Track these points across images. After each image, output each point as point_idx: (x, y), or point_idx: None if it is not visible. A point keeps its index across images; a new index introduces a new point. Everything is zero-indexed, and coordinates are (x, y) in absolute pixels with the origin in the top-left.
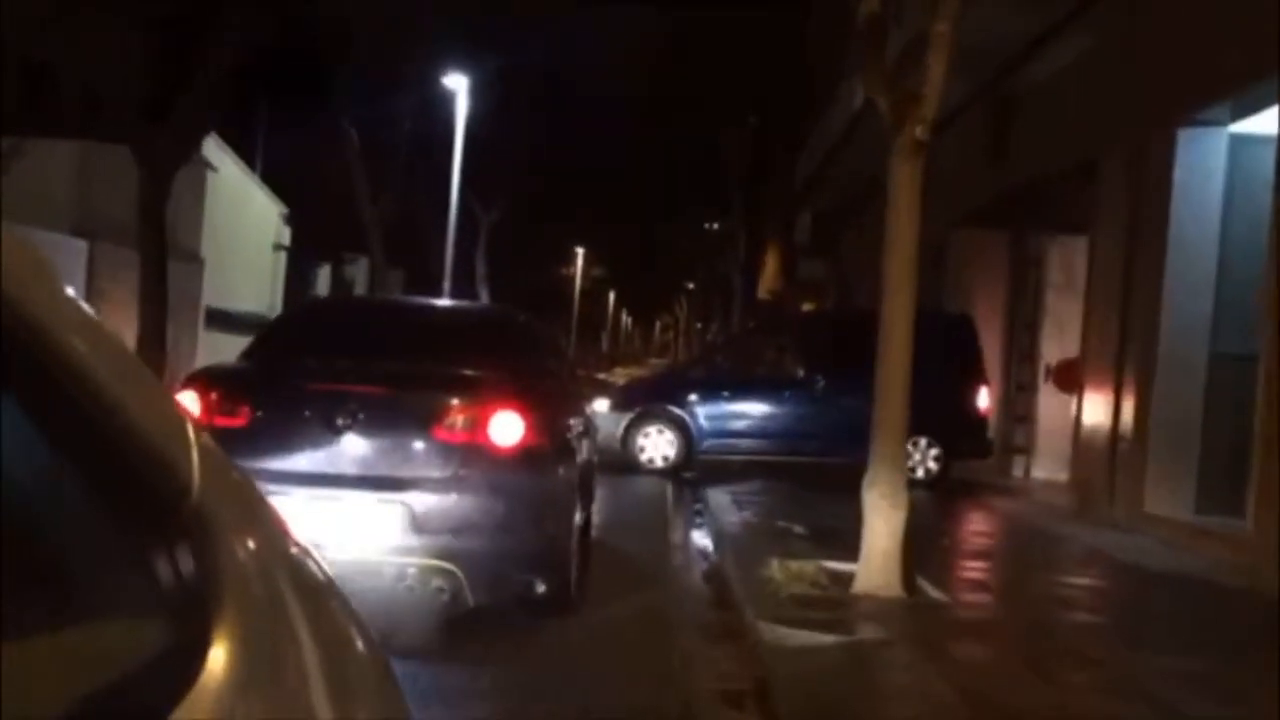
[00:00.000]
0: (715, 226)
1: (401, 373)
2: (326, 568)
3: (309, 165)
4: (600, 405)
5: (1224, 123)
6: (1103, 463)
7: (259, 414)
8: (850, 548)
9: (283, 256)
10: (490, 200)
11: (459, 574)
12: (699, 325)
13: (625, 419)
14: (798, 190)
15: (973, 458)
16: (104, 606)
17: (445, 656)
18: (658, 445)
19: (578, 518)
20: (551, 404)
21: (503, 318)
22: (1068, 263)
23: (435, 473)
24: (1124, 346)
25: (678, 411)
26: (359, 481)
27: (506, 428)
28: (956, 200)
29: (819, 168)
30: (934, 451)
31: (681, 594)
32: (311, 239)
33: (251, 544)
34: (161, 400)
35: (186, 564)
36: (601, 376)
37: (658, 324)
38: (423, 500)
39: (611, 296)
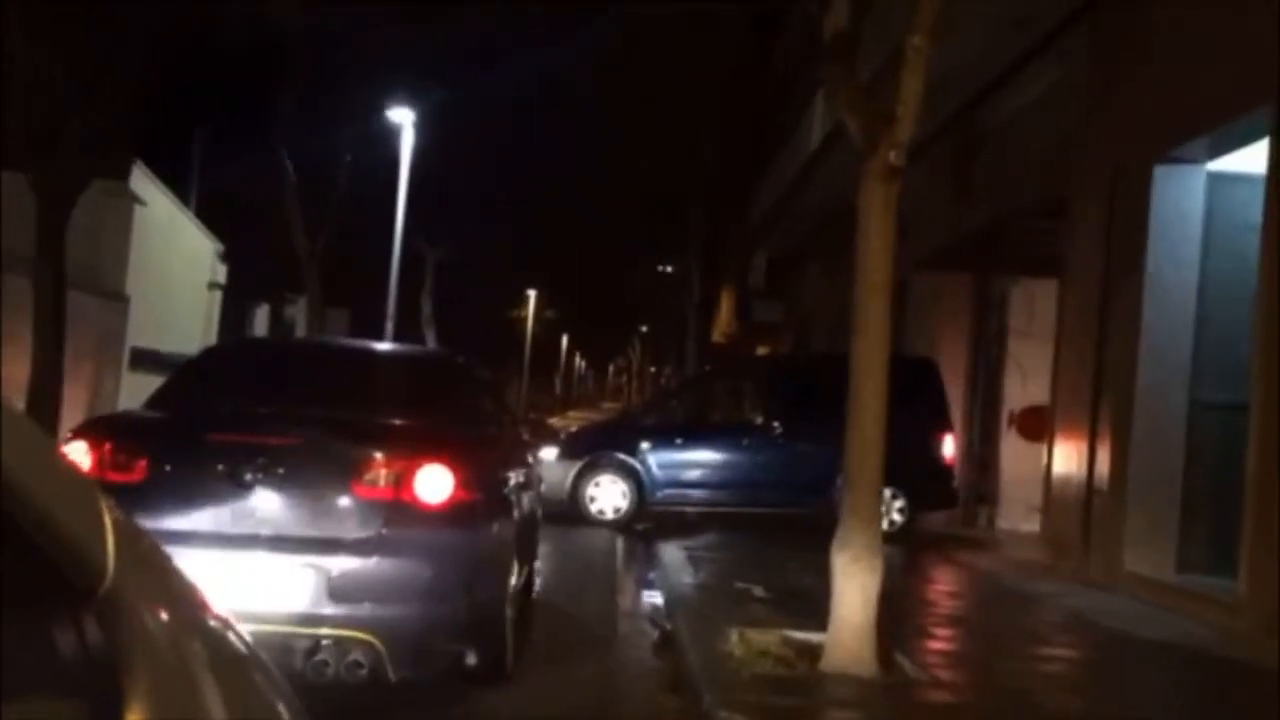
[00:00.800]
0: (669, 269)
1: (318, 421)
2: (247, 639)
3: (247, 201)
4: (547, 453)
5: (1201, 160)
6: (1076, 517)
7: (156, 468)
8: (815, 612)
9: (218, 295)
10: (436, 238)
11: (379, 646)
12: (653, 369)
13: (574, 468)
14: (753, 232)
15: (939, 508)
16: (14, 688)
17: None
18: (608, 495)
19: (515, 580)
20: (486, 455)
21: (437, 361)
22: (1031, 306)
23: (354, 533)
24: (1098, 394)
25: (629, 460)
26: (267, 543)
27: (434, 483)
28: (917, 241)
29: (774, 209)
30: (899, 503)
31: (630, 669)
32: (249, 277)
33: (164, 616)
34: (68, 476)
35: (97, 641)
36: (554, 421)
37: (611, 368)
38: (339, 564)
39: (565, 339)
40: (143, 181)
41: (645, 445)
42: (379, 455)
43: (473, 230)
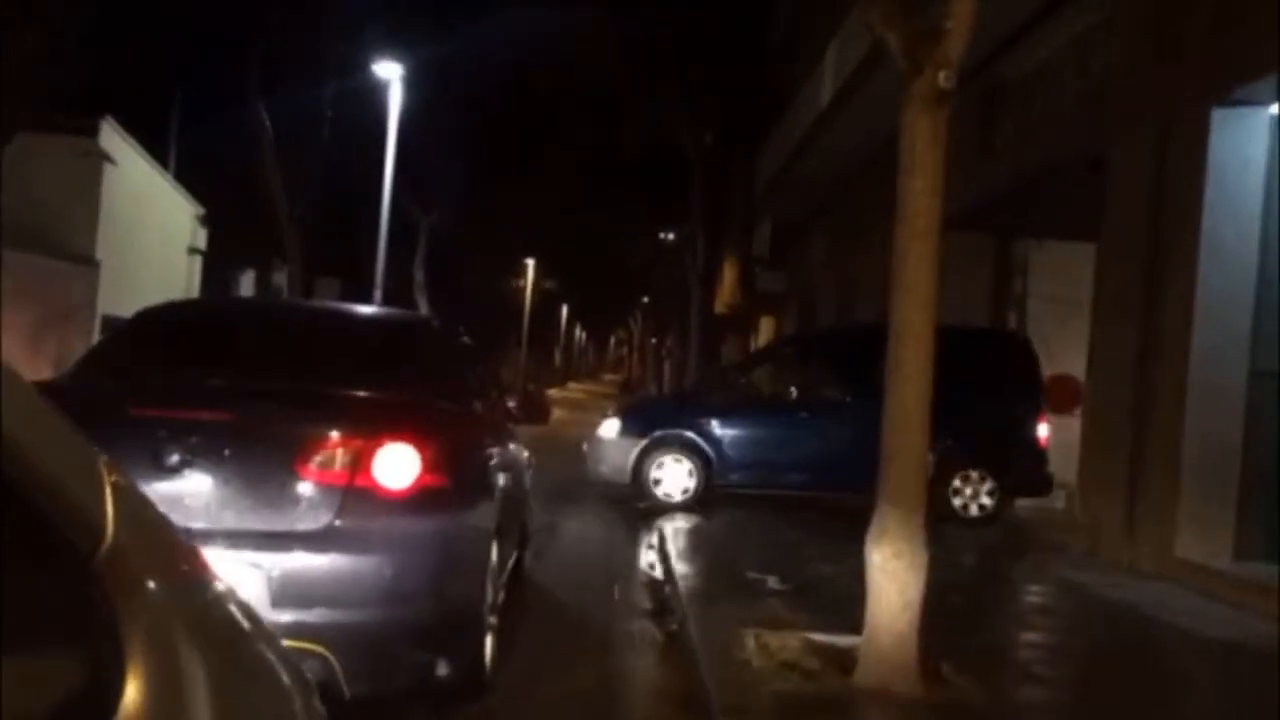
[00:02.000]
0: (671, 237)
1: (261, 394)
2: (250, 609)
3: (229, 163)
4: (608, 429)
5: (1267, 102)
6: (1119, 498)
7: None
8: (837, 607)
9: (198, 261)
10: (429, 203)
11: (331, 658)
12: (654, 340)
13: (637, 446)
14: (757, 200)
15: (1032, 494)
16: (14, 643)
17: None
18: (674, 477)
19: (495, 576)
20: (461, 432)
21: (409, 325)
22: (1055, 270)
23: (301, 525)
24: (1145, 363)
25: (696, 439)
26: (198, 537)
27: (397, 465)
28: None
29: (780, 175)
30: (988, 485)
31: (631, 679)
32: (233, 243)
33: (164, 581)
34: (70, 441)
35: (97, 602)
36: (552, 393)
37: (612, 340)
38: (283, 562)
39: (564, 310)
40: (114, 139)
41: (714, 423)
42: (331, 433)
43: (467, 196)
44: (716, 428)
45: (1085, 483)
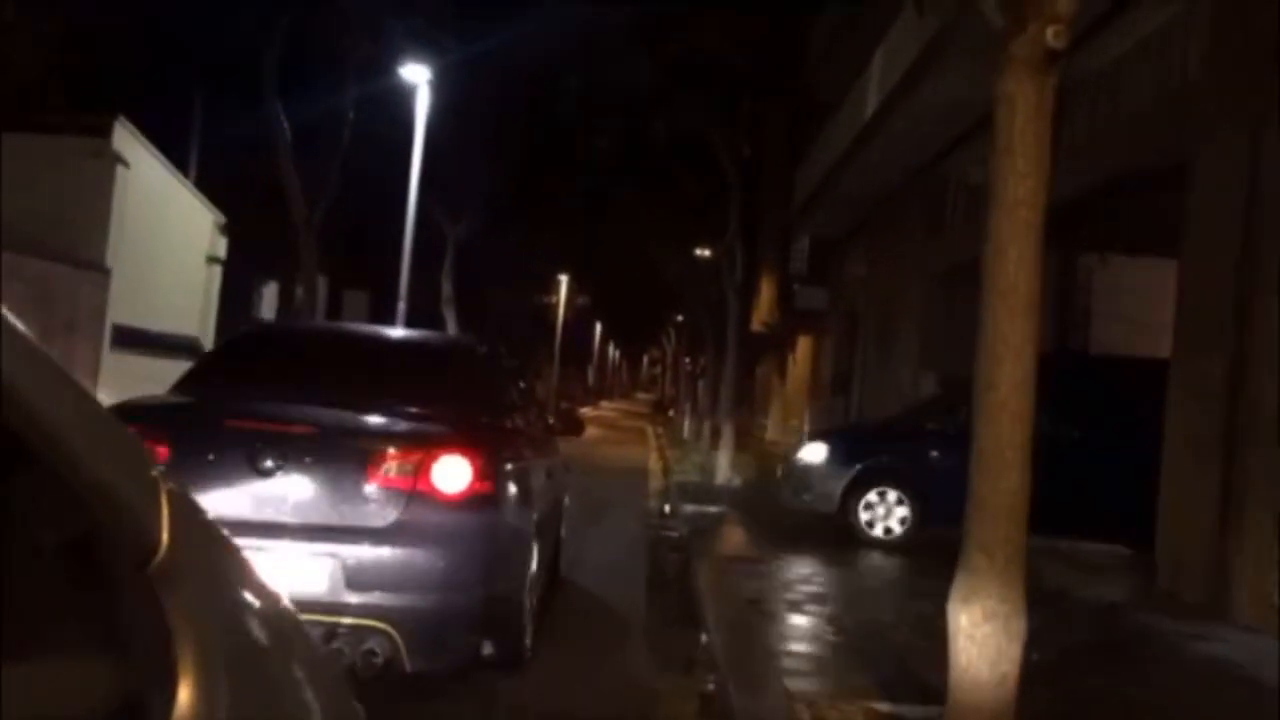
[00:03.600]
0: (707, 253)
1: (337, 410)
2: (298, 621)
3: (251, 170)
4: (813, 454)
5: None
6: (1208, 539)
7: (175, 454)
8: (900, 662)
9: (218, 271)
10: (457, 213)
11: (395, 636)
12: (687, 360)
13: (846, 476)
14: (794, 216)
15: None
16: (70, 651)
17: None
18: (887, 513)
19: (534, 569)
20: (506, 445)
21: (459, 349)
22: (1122, 287)
23: (371, 522)
24: (1238, 387)
25: (912, 470)
26: (285, 530)
27: (452, 473)
28: (987, 214)
29: (820, 188)
30: None
31: None
32: (255, 253)
33: (216, 594)
34: (127, 449)
35: (153, 615)
36: (586, 411)
37: (645, 358)
38: (356, 553)
39: (598, 328)
40: (128, 140)
41: (931, 455)
42: (396, 445)
43: (496, 207)
44: (933, 461)
45: (1168, 520)
